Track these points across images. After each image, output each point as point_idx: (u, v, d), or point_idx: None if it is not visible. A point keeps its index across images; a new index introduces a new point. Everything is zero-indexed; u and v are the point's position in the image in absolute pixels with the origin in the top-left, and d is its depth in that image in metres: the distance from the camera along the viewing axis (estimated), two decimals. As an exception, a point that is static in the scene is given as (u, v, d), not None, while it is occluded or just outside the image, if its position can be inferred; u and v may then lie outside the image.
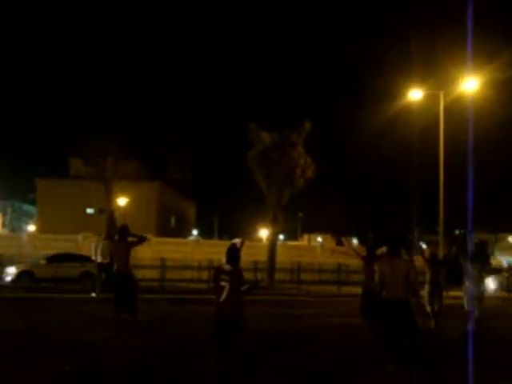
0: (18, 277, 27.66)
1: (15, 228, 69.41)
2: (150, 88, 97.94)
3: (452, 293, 23.01)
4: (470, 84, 31.76)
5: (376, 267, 9.25)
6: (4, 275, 28.21)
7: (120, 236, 14.67)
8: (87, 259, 28.00)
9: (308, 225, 68.56)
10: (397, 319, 8.42)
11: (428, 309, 15.66)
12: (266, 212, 34.69)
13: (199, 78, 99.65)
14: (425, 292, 15.74)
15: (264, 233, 57.76)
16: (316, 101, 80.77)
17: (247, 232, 64.01)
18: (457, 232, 58.64)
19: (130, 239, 14.83)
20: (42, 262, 28.73)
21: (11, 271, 28.05)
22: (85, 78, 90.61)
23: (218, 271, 8.30)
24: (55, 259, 28.66)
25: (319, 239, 59.18)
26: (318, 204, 59.53)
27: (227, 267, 8.11)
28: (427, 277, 15.88)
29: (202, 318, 16.11)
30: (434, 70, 36.65)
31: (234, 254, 8.21)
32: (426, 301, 15.65)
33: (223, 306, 7.99)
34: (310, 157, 33.34)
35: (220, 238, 62.32)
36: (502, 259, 67.51)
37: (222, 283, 8.02)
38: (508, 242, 73.15)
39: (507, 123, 54.05)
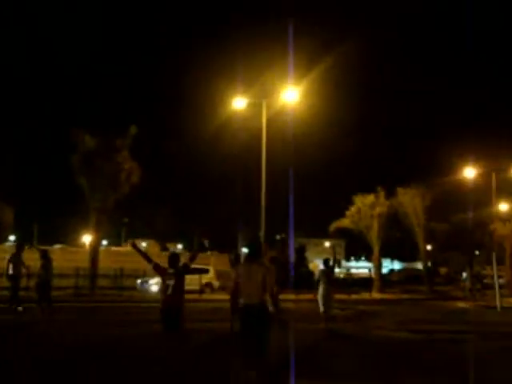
0: None
1: None
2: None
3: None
4: (291, 94, 33.09)
5: (232, 273, 9.35)
6: None
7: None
8: None
9: (133, 230, 67.76)
10: (252, 323, 8.41)
11: (321, 309, 16.15)
12: (89, 217, 33.79)
13: (18, 77, 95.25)
14: (319, 295, 16.20)
15: (87, 238, 56.24)
16: (142, 106, 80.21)
17: (70, 238, 62.04)
18: (277, 237, 60.67)
19: None
20: None
21: None
22: None
23: (163, 274, 9.95)
24: None
25: (143, 244, 58.69)
26: (143, 209, 59.14)
27: (171, 270, 9.85)
28: (321, 281, 16.31)
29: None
30: (259, 79, 37.74)
31: (174, 259, 10.05)
32: (320, 303, 16.18)
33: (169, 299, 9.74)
34: (135, 162, 33.03)
35: (41, 243, 59.74)
36: (319, 262, 71.01)
37: (168, 282, 9.77)
38: (324, 246, 77.16)
39: (327, 132, 57.01)
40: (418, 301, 34.58)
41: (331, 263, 17.08)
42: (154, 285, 32.18)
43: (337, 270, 25.63)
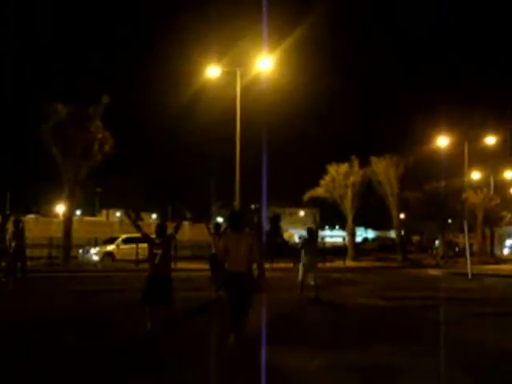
0: None
1: None
2: None
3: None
4: (265, 62, 32.97)
5: (220, 242, 9.35)
6: None
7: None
8: None
9: (107, 200, 67.46)
10: (238, 291, 8.45)
11: (300, 278, 16.24)
12: (62, 187, 33.47)
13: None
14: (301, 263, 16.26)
15: (61, 208, 55.85)
16: (115, 75, 79.22)
17: (44, 208, 61.56)
18: (252, 206, 60.81)
19: None
20: None
21: None
22: None
23: (150, 243, 10.26)
24: None
25: (118, 214, 58.49)
26: (117, 179, 58.84)
27: (157, 240, 10.20)
28: (304, 250, 16.34)
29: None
30: (233, 48, 37.42)
31: (161, 229, 10.35)
32: (300, 271, 16.25)
33: (157, 268, 10.11)
34: (108, 131, 32.73)
35: (14, 213, 59.00)
36: (294, 232, 71.50)
37: (156, 251, 10.10)
38: (299, 215, 77.55)
39: (301, 100, 56.90)
40: (391, 269, 35.02)
41: (314, 232, 17.20)
42: (95, 254, 32.96)
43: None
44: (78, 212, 54.83)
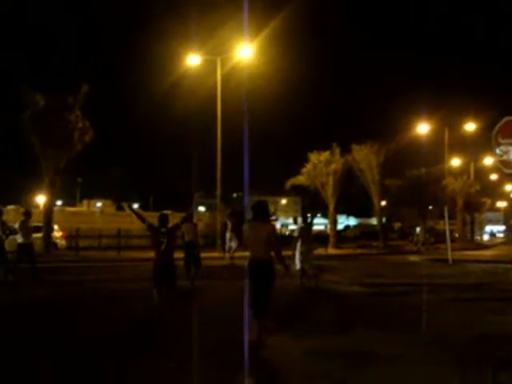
0: None
1: None
2: None
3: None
4: (246, 51, 32.91)
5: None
6: None
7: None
8: None
9: (88, 190, 67.04)
10: (258, 277, 8.69)
11: (298, 267, 16.10)
12: (42, 177, 33.21)
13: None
14: (297, 251, 16.16)
15: (41, 199, 55.42)
16: (95, 63, 78.59)
17: (24, 198, 60.97)
18: (234, 195, 60.80)
19: None
20: None
21: None
22: None
23: (156, 232, 11.00)
24: None
25: (98, 204, 58.15)
26: (98, 169, 58.52)
27: (163, 229, 10.94)
28: (300, 238, 16.24)
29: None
30: (213, 36, 37.27)
31: (164, 219, 11.11)
32: (297, 260, 16.13)
33: (163, 255, 10.92)
34: (88, 120, 32.47)
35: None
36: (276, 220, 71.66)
37: (161, 239, 10.87)
38: (281, 204, 77.74)
39: (282, 89, 56.88)
40: (372, 256, 35.23)
41: (309, 220, 17.18)
42: None
43: (293, 227, 25.52)
44: (59, 202, 54.46)
